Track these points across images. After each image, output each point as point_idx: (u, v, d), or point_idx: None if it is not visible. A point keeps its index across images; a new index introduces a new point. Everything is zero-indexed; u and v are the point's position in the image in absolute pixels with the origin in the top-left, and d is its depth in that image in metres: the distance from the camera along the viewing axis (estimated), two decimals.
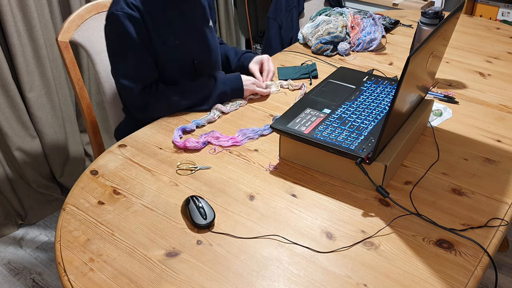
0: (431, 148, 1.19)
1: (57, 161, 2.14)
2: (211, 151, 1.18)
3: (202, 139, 1.20)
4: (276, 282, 0.84)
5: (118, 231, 0.95)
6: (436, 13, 1.38)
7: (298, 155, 1.13)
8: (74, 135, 2.20)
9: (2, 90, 1.86)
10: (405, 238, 0.93)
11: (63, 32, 1.42)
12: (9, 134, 1.93)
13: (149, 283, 0.84)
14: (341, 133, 1.07)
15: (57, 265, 0.89)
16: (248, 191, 1.06)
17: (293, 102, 1.39)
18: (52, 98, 2.04)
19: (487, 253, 0.90)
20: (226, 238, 0.94)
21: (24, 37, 1.85)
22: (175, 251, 0.91)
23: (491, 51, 1.72)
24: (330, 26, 1.71)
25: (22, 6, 1.81)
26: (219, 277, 0.85)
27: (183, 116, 1.33)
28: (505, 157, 1.16)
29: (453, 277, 0.85)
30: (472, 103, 1.39)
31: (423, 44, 0.91)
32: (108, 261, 0.89)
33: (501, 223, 0.96)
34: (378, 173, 1.02)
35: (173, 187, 1.07)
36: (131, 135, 1.26)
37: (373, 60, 1.66)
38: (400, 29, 1.93)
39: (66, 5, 2.01)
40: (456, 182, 1.08)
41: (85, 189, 1.07)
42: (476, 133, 1.25)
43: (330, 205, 1.02)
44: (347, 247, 0.91)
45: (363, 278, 0.85)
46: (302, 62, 1.63)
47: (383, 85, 1.26)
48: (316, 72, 1.54)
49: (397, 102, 0.92)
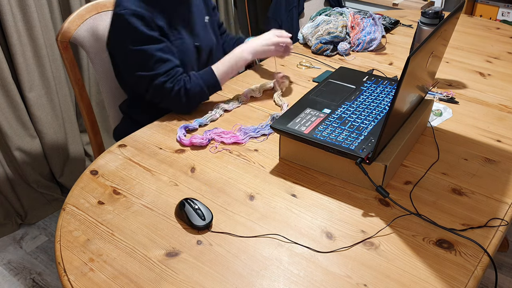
0: (431, 148, 1.19)
1: (57, 161, 2.14)
2: (211, 149, 1.18)
3: (207, 135, 1.21)
4: (276, 282, 0.84)
5: (118, 231, 0.95)
6: (436, 13, 1.38)
7: (298, 155, 1.13)
8: (74, 135, 2.20)
9: (2, 90, 1.86)
10: (405, 238, 0.93)
11: (63, 32, 1.42)
12: (9, 134, 1.93)
13: (149, 283, 0.84)
14: (341, 133, 1.07)
15: (57, 265, 0.89)
16: (248, 191, 1.06)
17: (293, 102, 1.39)
18: (52, 98, 2.04)
19: (487, 253, 0.90)
20: (226, 238, 0.94)
21: (24, 37, 1.85)
22: (175, 251, 0.91)
23: (491, 51, 1.72)
24: (330, 26, 1.71)
25: (22, 6, 1.81)
26: (219, 277, 0.85)
27: (183, 116, 1.33)
28: (505, 157, 1.16)
29: (453, 277, 0.85)
30: (472, 103, 1.39)
31: (423, 44, 0.91)
32: (108, 261, 0.89)
33: (501, 223, 0.96)
34: (378, 173, 1.02)
35: (173, 187, 1.07)
36: (131, 135, 1.26)
37: (373, 60, 1.66)
38: (400, 29, 1.93)
39: (66, 5, 2.01)
40: (456, 182, 1.08)
41: (85, 189, 1.07)
42: (476, 133, 1.25)
43: (330, 205, 1.02)
44: (347, 247, 0.91)
45: (363, 278, 0.85)
46: (298, 62, 1.63)
47: (383, 85, 1.26)
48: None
49: (397, 102, 0.92)
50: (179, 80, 1.28)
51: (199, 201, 0.99)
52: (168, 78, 1.27)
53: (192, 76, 1.30)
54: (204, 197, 1.04)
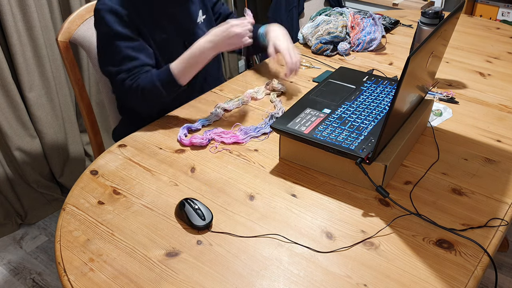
0: (431, 148, 1.19)
1: (57, 161, 2.14)
2: (211, 149, 1.18)
3: (207, 135, 1.21)
4: (276, 282, 0.84)
5: (118, 231, 0.95)
6: (436, 13, 1.38)
7: (298, 155, 1.13)
8: (74, 135, 2.20)
9: (2, 90, 1.86)
10: (405, 238, 0.93)
11: (63, 32, 1.42)
12: (9, 134, 1.93)
13: (149, 283, 0.84)
14: (341, 133, 1.07)
15: (57, 265, 0.89)
16: (248, 191, 1.06)
17: (293, 102, 1.39)
18: (52, 98, 2.04)
19: (487, 253, 0.90)
20: (226, 238, 0.94)
21: (24, 37, 1.85)
22: (175, 251, 0.91)
23: (491, 51, 1.72)
24: (330, 26, 1.71)
25: (22, 6, 1.81)
26: (219, 277, 0.85)
27: (183, 116, 1.33)
28: (505, 157, 1.16)
29: (453, 277, 0.85)
30: (472, 103, 1.39)
31: (423, 44, 0.91)
32: (108, 261, 0.89)
33: (501, 223, 0.96)
34: (378, 173, 1.02)
35: (173, 187, 1.07)
36: (131, 135, 1.26)
37: (373, 60, 1.66)
38: (400, 29, 1.93)
39: (66, 5, 2.01)
40: (456, 182, 1.08)
41: (85, 189, 1.07)
42: (476, 133, 1.25)
43: (330, 205, 1.02)
44: (347, 247, 0.91)
45: (363, 278, 0.85)
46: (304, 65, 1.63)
47: (383, 85, 1.26)
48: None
49: (397, 102, 0.92)
50: (138, 77, 1.26)
51: (199, 201, 0.99)
52: (129, 75, 1.26)
53: (149, 73, 1.27)
54: (204, 197, 1.04)
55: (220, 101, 1.40)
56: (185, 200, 0.98)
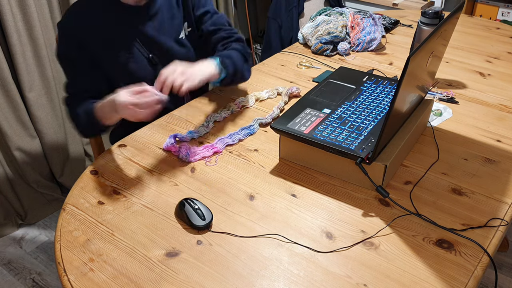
0: (431, 148, 1.19)
1: (57, 161, 2.14)
2: (207, 163, 1.18)
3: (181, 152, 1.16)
4: (276, 282, 0.84)
5: (118, 231, 0.95)
6: (436, 13, 1.38)
7: (298, 155, 1.13)
8: (74, 135, 2.20)
9: (2, 90, 1.86)
10: (405, 238, 0.93)
11: None
12: (9, 134, 1.93)
13: (149, 283, 0.84)
14: (341, 133, 1.07)
15: (57, 265, 0.89)
16: (248, 191, 1.06)
17: (293, 102, 1.39)
18: (52, 98, 2.04)
19: (487, 253, 0.90)
20: (226, 238, 0.94)
21: (24, 37, 1.85)
22: (175, 251, 0.91)
23: (491, 51, 1.72)
24: (330, 26, 1.71)
25: (22, 6, 1.81)
26: (219, 277, 0.85)
27: (183, 116, 1.33)
28: (505, 157, 1.16)
29: (453, 277, 0.85)
30: (472, 103, 1.39)
31: (423, 44, 0.91)
32: (108, 261, 0.89)
33: (501, 223, 0.96)
34: (378, 173, 1.02)
35: (173, 187, 1.07)
36: (131, 135, 1.26)
37: (373, 60, 1.66)
38: (400, 29, 1.93)
39: (66, 5, 2.01)
40: (456, 182, 1.08)
41: (85, 189, 1.07)
42: (476, 133, 1.25)
43: (330, 205, 1.02)
44: (347, 247, 0.91)
45: (363, 278, 0.85)
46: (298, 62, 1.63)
47: (383, 85, 1.26)
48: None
49: (397, 102, 0.92)
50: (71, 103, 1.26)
51: (199, 201, 0.99)
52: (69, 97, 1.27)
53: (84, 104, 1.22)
54: (204, 197, 1.04)
55: (220, 101, 1.39)
56: (185, 200, 0.98)
